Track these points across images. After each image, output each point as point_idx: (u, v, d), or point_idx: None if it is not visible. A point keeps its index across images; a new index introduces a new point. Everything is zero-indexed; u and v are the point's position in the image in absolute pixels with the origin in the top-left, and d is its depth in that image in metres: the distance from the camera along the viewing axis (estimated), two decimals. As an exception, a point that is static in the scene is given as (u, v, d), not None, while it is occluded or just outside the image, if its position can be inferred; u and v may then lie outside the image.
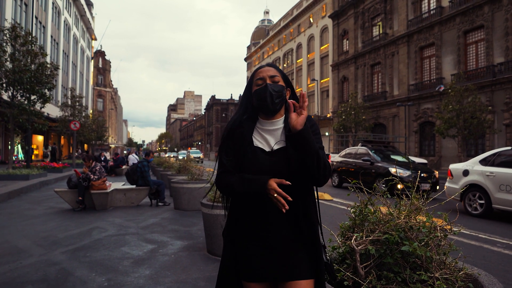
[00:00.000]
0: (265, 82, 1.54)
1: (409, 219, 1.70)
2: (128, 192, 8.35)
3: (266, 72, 1.57)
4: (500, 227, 6.41)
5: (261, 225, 1.47)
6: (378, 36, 30.07)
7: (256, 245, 1.47)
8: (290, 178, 1.44)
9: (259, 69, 1.61)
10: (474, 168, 7.58)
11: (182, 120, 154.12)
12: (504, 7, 20.04)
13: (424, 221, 1.60)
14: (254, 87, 1.59)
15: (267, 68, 1.59)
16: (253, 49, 64.35)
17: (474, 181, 7.46)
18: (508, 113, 19.61)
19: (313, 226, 1.50)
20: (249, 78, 1.64)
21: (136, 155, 22.34)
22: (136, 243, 4.79)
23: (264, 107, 1.54)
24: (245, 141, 1.54)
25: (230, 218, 1.59)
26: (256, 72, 1.61)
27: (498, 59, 20.41)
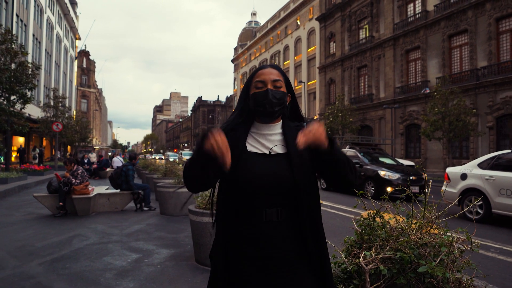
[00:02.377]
0: (266, 86, 1.37)
1: (421, 233, 1.55)
2: (112, 196, 8.04)
3: (268, 75, 1.39)
4: (500, 233, 6.22)
5: (256, 243, 1.27)
6: (365, 39, 30.29)
7: (251, 268, 1.27)
8: (294, 183, 1.28)
9: (261, 69, 1.43)
10: (472, 171, 7.37)
11: (168, 121, 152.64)
12: (487, 12, 20.41)
13: (442, 238, 1.44)
14: (253, 89, 1.41)
15: (270, 71, 1.41)
16: (240, 50, 64.20)
17: (473, 185, 7.24)
18: (491, 116, 19.95)
19: (321, 242, 1.32)
20: (248, 78, 1.46)
21: (121, 157, 21.86)
22: (119, 252, 4.54)
23: (262, 114, 1.38)
24: (237, 146, 1.35)
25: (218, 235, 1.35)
26: (257, 73, 1.43)
27: (482, 63, 20.76)
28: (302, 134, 1.18)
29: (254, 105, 1.39)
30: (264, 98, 1.35)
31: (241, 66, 63.34)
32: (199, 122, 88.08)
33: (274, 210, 1.28)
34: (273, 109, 1.36)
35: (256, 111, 1.40)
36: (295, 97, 1.51)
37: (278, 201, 1.29)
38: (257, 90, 1.39)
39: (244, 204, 1.30)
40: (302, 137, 1.17)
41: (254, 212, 1.29)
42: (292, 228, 1.29)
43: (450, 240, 1.41)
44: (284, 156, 1.34)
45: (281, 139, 1.39)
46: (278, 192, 1.28)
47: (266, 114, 1.37)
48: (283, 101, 1.39)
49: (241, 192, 1.29)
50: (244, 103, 1.46)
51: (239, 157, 1.32)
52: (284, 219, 1.28)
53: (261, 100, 1.36)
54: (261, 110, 1.37)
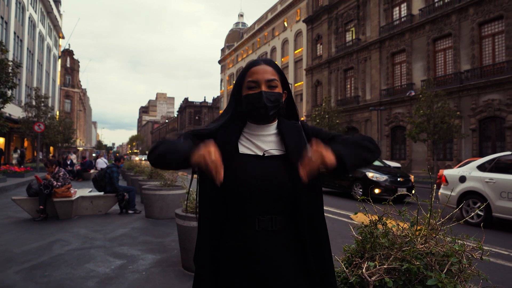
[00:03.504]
0: (260, 88, 1.24)
1: (427, 240, 1.46)
2: (95, 199, 7.79)
3: (262, 74, 1.25)
4: (500, 237, 6.04)
5: (249, 255, 1.13)
6: (351, 42, 30.54)
7: (243, 284, 1.13)
8: (292, 187, 1.16)
9: (253, 66, 1.28)
10: (471, 174, 7.15)
11: (154, 122, 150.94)
12: (470, 16, 20.81)
13: (451, 247, 1.35)
14: (245, 89, 1.28)
15: (264, 68, 1.27)
16: (227, 51, 63.99)
17: (472, 188, 7.02)
18: (474, 118, 20.32)
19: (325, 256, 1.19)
20: (240, 75, 1.32)
21: (105, 158, 21.40)
22: (102, 258, 4.34)
23: (256, 118, 1.26)
24: (229, 147, 1.22)
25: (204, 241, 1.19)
26: (249, 71, 1.28)
27: (465, 66, 21.15)
28: (301, 166, 1.05)
29: (247, 107, 1.27)
30: (258, 101, 1.23)
31: (228, 67, 63.14)
32: (186, 123, 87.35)
33: (268, 217, 1.16)
34: (268, 113, 1.24)
35: (249, 114, 1.28)
36: (291, 94, 1.39)
37: (273, 208, 1.16)
38: (250, 92, 1.25)
39: (234, 210, 1.17)
40: (303, 170, 1.05)
41: (245, 219, 1.16)
42: (289, 239, 1.17)
43: (461, 250, 1.32)
44: (281, 158, 1.22)
45: (276, 140, 1.28)
46: (272, 198, 1.16)
47: (260, 119, 1.26)
48: (278, 103, 1.27)
49: (231, 196, 1.17)
50: (235, 103, 1.33)
51: (230, 158, 1.19)
52: (280, 228, 1.16)
53: (255, 104, 1.24)
54: (255, 115, 1.26)
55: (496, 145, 19.56)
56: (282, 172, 1.18)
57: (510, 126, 18.47)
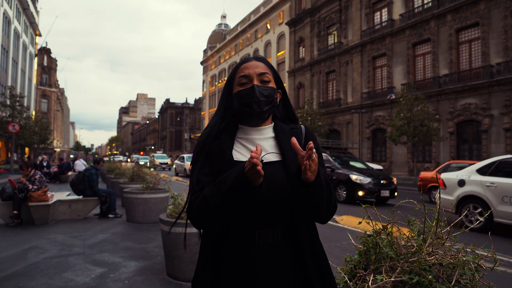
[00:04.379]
0: (252, 82, 1.17)
1: (433, 250, 1.39)
2: (74, 203, 7.50)
3: (253, 69, 1.18)
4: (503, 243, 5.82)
5: (252, 273, 1.05)
6: (333, 45, 30.88)
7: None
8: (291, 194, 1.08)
9: (244, 63, 1.21)
10: (471, 178, 6.90)
11: (134, 123, 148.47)
12: (448, 23, 21.39)
13: (461, 258, 1.29)
14: (236, 86, 1.20)
15: (255, 63, 1.20)
16: (209, 52, 63.63)
17: (472, 192, 6.77)
18: (452, 121, 20.86)
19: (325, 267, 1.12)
20: (230, 73, 1.24)
21: (83, 160, 20.80)
22: (82, 267, 4.13)
23: (249, 115, 1.17)
24: (223, 157, 1.14)
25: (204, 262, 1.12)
26: (240, 67, 1.21)
27: (443, 70, 21.70)
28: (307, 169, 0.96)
29: (239, 105, 1.18)
30: (250, 96, 1.15)
31: (211, 69, 62.78)
32: (167, 124, 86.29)
33: (268, 230, 1.08)
34: (262, 109, 1.16)
35: (242, 112, 1.19)
36: (286, 93, 1.30)
37: (272, 220, 1.09)
38: (241, 88, 1.18)
39: (232, 224, 1.08)
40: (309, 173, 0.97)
41: (245, 233, 1.07)
42: (288, 253, 1.08)
43: (475, 261, 1.26)
44: (279, 165, 1.13)
45: (273, 145, 1.19)
46: (272, 208, 1.08)
47: (254, 115, 1.17)
48: (272, 98, 1.18)
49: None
50: (226, 104, 1.24)
51: (224, 167, 1.11)
52: (280, 241, 1.08)
53: (247, 99, 1.15)
54: (248, 111, 1.17)
55: (472, 147, 20.13)
56: (280, 180, 1.10)
57: (485, 129, 19.04)
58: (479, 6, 19.71)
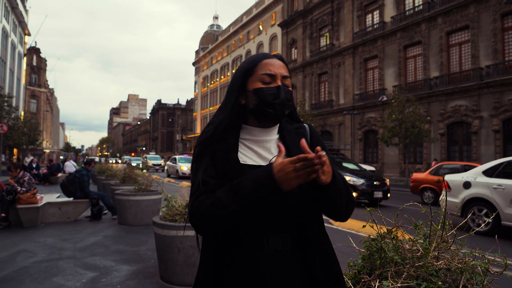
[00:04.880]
0: (276, 82, 1.09)
1: (439, 254, 1.36)
2: (64, 205, 7.35)
3: (278, 69, 1.10)
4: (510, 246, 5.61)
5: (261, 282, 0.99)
6: (325, 47, 31.00)
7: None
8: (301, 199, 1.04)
9: (266, 58, 1.12)
10: (477, 179, 6.73)
11: (125, 124, 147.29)
12: (439, 25, 21.63)
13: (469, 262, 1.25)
14: (256, 82, 1.10)
15: (279, 63, 1.12)
16: (201, 53, 63.44)
17: (478, 195, 6.59)
18: (443, 123, 21.08)
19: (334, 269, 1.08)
20: (246, 66, 1.13)
21: (73, 161, 20.52)
22: (72, 271, 4.03)
23: (269, 116, 1.09)
24: (229, 159, 1.07)
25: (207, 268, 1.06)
26: (262, 62, 1.11)
27: (434, 73, 21.92)
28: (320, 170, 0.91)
29: (259, 104, 1.09)
30: (276, 97, 1.07)
31: (203, 70, 62.58)
32: (158, 125, 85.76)
33: (278, 236, 1.02)
34: (284, 112, 1.10)
35: (260, 112, 1.09)
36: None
37: (282, 225, 1.03)
38: (264, 86, 1.09)
39: (239, 230, 1.02)
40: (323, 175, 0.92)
41: (253, 240, 1.01)
42: (298, 259, 1.03)
43: (485, 266, 1.23)
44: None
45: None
46: (281, 214, 1.02)
47: (274, 118, 1.10)
48: (292, 102, 1.14)
49: None
50: (236, 100, 1.13)
51: (231, 172, 1.04)
52: (289, 248, 1.03)
53: (271, 100, 1.07)
54: (270, 113, 1.08)
55: (463, 149, 20.36)
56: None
57: (475, 131, 19.28)
58: (469, 9, 19.97)
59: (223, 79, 53.49)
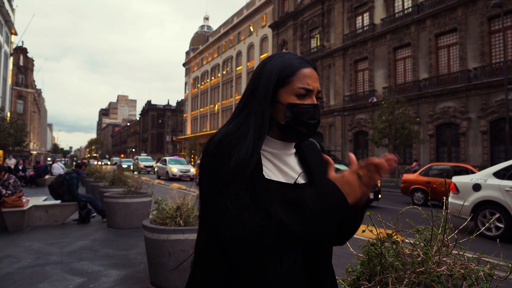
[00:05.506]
0: (312, 98, 0.98)
1: (440, 259, 1.32)
2: (51, 208, 7.18)
3: (315, 82, 0.99)
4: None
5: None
6: (316, 48, 31.13)
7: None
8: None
9: (303, 67, 0.98)
10: (487, 182, 6.43)
11: (114, 125, 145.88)
12: (428, 28, 21.89)
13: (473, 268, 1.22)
14: (290, 95, 0.96)
15: (315, 76, 1.00)
16: (192, 54, 63.16)
17: (490, 197, 6.32)
18: (432, 124, 21.32)
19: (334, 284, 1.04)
20: (278, 73, 0.97)
21: (61, 163, 20.17)
22: (59, 277, 3.91)
23: (302, 134, 0.99)
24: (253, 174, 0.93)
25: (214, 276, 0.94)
26: (300, 73, 0.97)
27: (423, 75, 22.17)
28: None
29: (292, 122, 0.97)
30: (312, 117, 0.97)
31: (193, 70, 62.32)
32: (148, 126, 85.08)
33: (291, 255, 0.94)
34: (315, 131, 1.02)
35: (291, 129, 0.98)
36: None
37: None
38: (299, 101, 0.97)
39: None
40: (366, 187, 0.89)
41: (267, 260, 0.91)
42: (306, 280, 0.96)
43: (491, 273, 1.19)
44: (308, 187, 0.98)
45: (297, 162, 1.05)
46: None
47: (305, 137, 1.01)
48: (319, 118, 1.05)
49: None
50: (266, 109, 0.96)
51: (256, 187, 0.91)
52: (300, 267, 0.96)
53: (305, 118, 0.97)
54: (302, 132, 0.98)
55: (451, 150, 20.62)
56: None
57: (463, 132, 19.54)
58: (457, 12, 20.25)
59: (214, 80, 53.33)
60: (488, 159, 18.38)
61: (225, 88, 49.77)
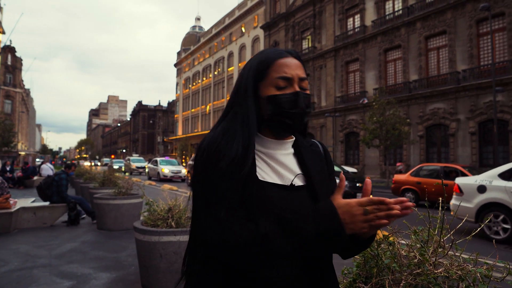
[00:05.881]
0: (292, 86, 0.95)
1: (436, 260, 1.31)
2: (39, 210, 7.05)
3: (295, 70, 0.95)
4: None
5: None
6: (307, 49, 31.24)
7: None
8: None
9: (281, 58, 0.96)
10: (493, 183, 6.23)
11: (105, 126, 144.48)
12: (418, 30, 22.13)
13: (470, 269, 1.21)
14: (269, 88, 0.94)
15: (295, 63, 0.96)
16: (183, 55, 62.89)
17: (495, 200, 6.14)
18: (422, 125, 21.54)
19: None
20: (256, 67, 0.97)
21: (51, 164, 19.86)
22: (48, 280, 3.83)
23: (286, 127, 0.96)
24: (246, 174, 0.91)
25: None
26: (276, 63, 0.95)
27: (413, 76, 22.40)
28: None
29: (274, 114, 0.94)
30: (294, 105, 0.93)
31: (184, 71, 62.03)
32: (139, 127, 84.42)
33: (287, 262, 0.89)
34: (303, 121, 0.97)
35: (276, 123, 0.96)
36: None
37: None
38: (279, 92, 0.94)
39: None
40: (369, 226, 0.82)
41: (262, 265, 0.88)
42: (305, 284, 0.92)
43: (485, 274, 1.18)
44: (305, 189, 0.96)
45: (295, 162, 1.00)
46: None
47: (292, 129, 0.97)
48: (310, 108, 0.99)
49: None
50: (249, 106, 0.95)
51: (251, 190, 0.89)
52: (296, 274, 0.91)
53: (288, 108, 0.93)
54: (287, 123, 0.95)
55: (441, 150, 20.86)
56: (309, 201, 0.94)
57: (453, 133, 19.78)
58: (446, 15, 20.51)
59: (205, 81, 53.16)
60: (476, 160, 18.64)
61: (216, 88, 49.65)
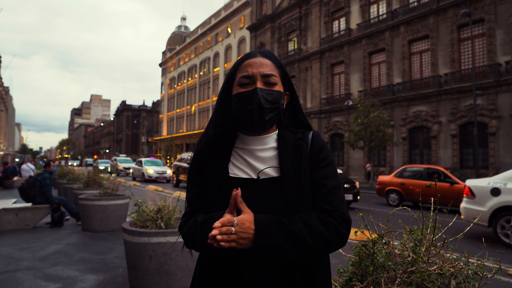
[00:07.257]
0: (254, 84, 1.01)
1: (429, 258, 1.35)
2: (22, 211, 6.87)
3: (257, 67, 1.02)
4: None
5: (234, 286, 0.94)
6: (293, 51, 31.45)
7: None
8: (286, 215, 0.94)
9: (248, 58, 1.05)
10: (507, 185, 5.92)
11: (87, 125, 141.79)
12: (401, 34, 22.58)
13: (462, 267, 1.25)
14: (235, 87, 1.04)
15: (260, 61, 1.03)
16: (168, 54, 62.35)
17: (511, 203, 5.82)
18: (405, 127, 21.97)
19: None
20: (231, 70, 1.08)
21: (31, 164, 19.38)
22: (32, 283, 3.74)
23: (249, 124, 1.02)
24: (218, 171, 1.01)
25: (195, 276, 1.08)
26: (242, 64, 1.05)
27: (397, 79, 22.83)
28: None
29: (237, 111, 1.02)
30: (251, 101, 0.99)
31: (170, 71, 61.51)
32: (123, 127, 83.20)
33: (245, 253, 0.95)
34: (264, 117, 1.00)
35: (240, 120, 1.03)
36: (296, 95, 1.15)
37: None
38: (241, 90, 1.02)
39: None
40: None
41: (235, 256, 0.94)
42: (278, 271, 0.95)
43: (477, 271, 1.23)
44: (276, 181, 1.00)
45: (274, 157, 1.04)
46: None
47: (254, 125, 1.02)
48: (278, 105, 1.02)
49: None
50: (226, 107, 1.07)
51: (220, 184, 0.99)
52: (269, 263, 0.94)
53: (246, 105, 1.00)
54: (247, 119, 1.01)
55: (423, 152, 21.31)
56: (275, 200, 0.97)
57: (435, 135, 20.25)
58: (429, 20, 20.99)
59: (191, 81, 52.84)
60: (457, 161, 19.13)
61: (202, 89, 49.41)
